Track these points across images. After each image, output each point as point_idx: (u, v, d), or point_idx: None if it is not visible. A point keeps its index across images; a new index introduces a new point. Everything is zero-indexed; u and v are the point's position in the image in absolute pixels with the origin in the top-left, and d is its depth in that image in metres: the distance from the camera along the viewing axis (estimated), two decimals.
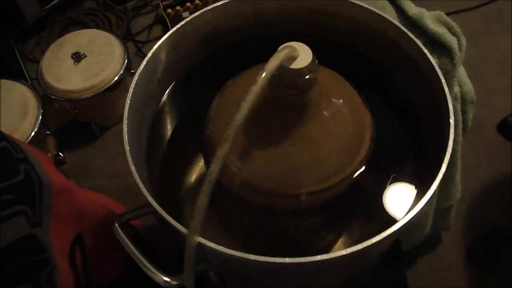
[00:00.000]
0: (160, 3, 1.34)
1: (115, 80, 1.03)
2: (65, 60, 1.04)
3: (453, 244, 0.98)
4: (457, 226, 0.99)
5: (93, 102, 1.03)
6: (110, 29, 1.33)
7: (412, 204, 0.49)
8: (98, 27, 1.33)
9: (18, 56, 1.27)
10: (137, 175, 0.48)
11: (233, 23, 0.66)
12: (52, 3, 1.31)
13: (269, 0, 0.65)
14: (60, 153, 1.10)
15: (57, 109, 1.06)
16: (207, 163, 0.61)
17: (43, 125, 0.99)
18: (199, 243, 0.43)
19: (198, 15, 0.62)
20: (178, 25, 0.60)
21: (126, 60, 1.05)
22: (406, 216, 0.45)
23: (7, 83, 1.02)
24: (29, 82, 1.17)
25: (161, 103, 0.65)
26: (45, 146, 1.04)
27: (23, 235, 0.61)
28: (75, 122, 1.12)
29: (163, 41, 0.59)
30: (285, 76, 0.49)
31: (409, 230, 0.77)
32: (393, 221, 0.46)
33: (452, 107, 0.52)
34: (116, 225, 0.52)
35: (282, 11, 0.66)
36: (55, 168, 0.75)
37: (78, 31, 1.11)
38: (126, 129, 0.52)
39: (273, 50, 0.50)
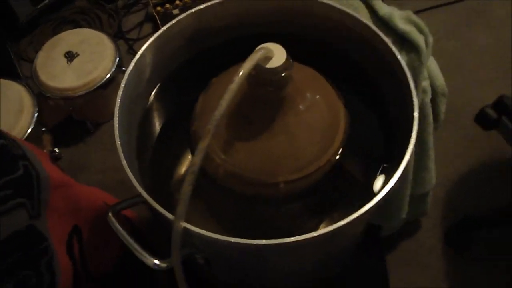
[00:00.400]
0: (149, 1, 1.37)
1: (107, 78, 1.07)
2: (59, 59, 1.08)
3: (432, 228, 1.03)
4: (435, 212, 1.04)
5: (87, 99, 1.07)
6: (101, 27, 1.36)
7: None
8: (89, 25, 1.37)
9: (12, 55, 1.30)
10: (127, 167, 0.53)
11: (217, 24, 0.70)
12: (44, 3, 1.34)
13: (253, 1, 0.69)
14: (55, 149, 1.14)
15: (52, 106, 1.10)
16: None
17: (39, 122, 1.03)
18: (185, 227, 0.47)
19: (183, 17, 0.66)
20: (164, 28, 0.65)
21: (118, 58, 1.09)
22: (363, 207, 0.49)
23: (2, 82, 1.06)
24: (23, 81, 1.21)
25: (149, 101, 0.69)
26: (41, 143, 1.07)
27: (24, 226, 0.66)
28: (70, 120, 1.16)
29: (150, 43, 0.63)
30: (261, 75, 0.53)
31: (384, 216, 0.82)
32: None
33: (416, 102, 0.56)
34: (110, 214, 0.56)
35: (264, 12, 0.70)
36: (52, 164, 0.79)
37: (71, 30, 1.15)
38: (117, 125, 0.57)
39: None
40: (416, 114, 0.55)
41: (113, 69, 1.07)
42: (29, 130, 1.00)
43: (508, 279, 0.97)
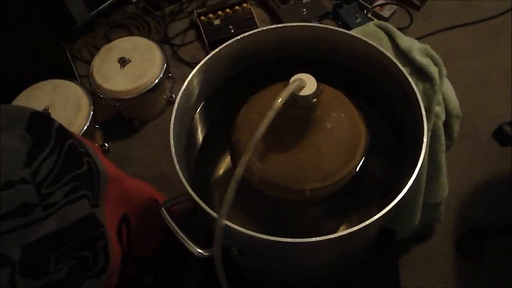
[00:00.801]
0: (194, 10, 1.49)
1: (155, 83, 1.19)
2: (113, 64, 1.20)
3: (445, 235, 1.11)
4: (449, 220, 1.12)
5: (136, 101, 1.19)
6: (149, 32, 1.48)
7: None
8: (138, 30, 1.49)
9: (69, 56, 1.44)
10: (181, 172, 0.63)
11: (256, 48, 0.80)
12: (99, 8, 1.46)
13: (287, 30, 0.79)
14: (105, 144, 1.27)
15: (104, 105, 1.22)
16: (233, 163, 0.76)
17: (93, 119, 1.16)
18: (226, 225, 0.58)
19: (229, 43, 0.77)
20: (212, 53, 0.75)
21: (165, 65, 1.21)
22: (374, 216, 0.59)
23: (63, 83, 1.19)
24: (78, 79, 1.34)
25: (196, 113, 0.80)
26: (93, 138, 1.20)
27: (87, 214, 0.77)
28: (119, 117, 1.29)
29: (199, 66, 0.74)
30: (295, 100, 0.63)
31: (398, 221, 0.91)
32: None
33: (426, 128, 0.65)
34: (163, 209, 0.67)
35: (297, 38, 0.80)
36: (107, 159, 0.91)
37: (124, 38, 1.27)
38: (172, 136, 0.67)
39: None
40: (424, 139, 0.64)
41: (161, 75, 1.19)
42: (85, 127, 1.13)
43: (508, 285, 1.05)
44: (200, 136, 0.83)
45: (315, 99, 0.65)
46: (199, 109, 0.81)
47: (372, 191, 0.84)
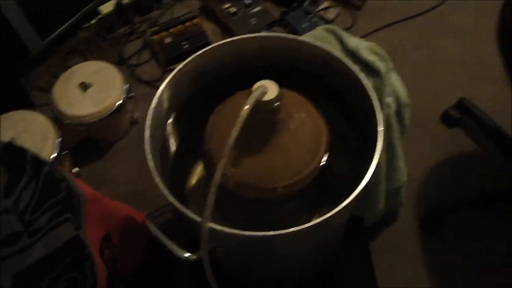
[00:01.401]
0: (146, 29, 1.52)
1: (119, 104, 1.22)
2: (74, 90, 1.22)
3: (409, 218, 1.18)
4: (411, 203, 1.20)
5: (101, 123, 1.21)
6: (105, 56, 1.51)
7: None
8: (93, 54, 1.51)
9: (24, 87, 1.44)
10: (161, 183, 0.67)
11: (216, 62, 0.85)
12: (52, 36, 1.48)
13: (242, 41, 0.85)
14: (75, 168, 1.28)
15: (69, 131, 1.24)
16: (208, 170, 0.80)
17: (61, 146, 1.17)
18: (211, 227, 0.63)
19: (191, 59, 0.81)
20: (176, 69, 0.80)
21: (127, 86, 1.24)
22: (342, 204, 0.65)
23: (24, 114, 1.20)
24: (37, 110, 1.35)
25: (167, 126, 0.84)
26: (63, 164, 1.22)
27: (72, 236, 0.80)
28: (86, 141, 1.30)
29: (167, 81, 0.79)
30: (260, 106, 0.68)
31: (365, 207, 0.98)
32: None
33: (381, 117, 0.72)
34: (147, 220, 0.71)
35: (254, 49, 0.86)
36: (82, 182, 0.93)
37: (82, 63, 1.29)
38: (148, 150, 0.71)
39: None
40: (379, 128, 0.71)
41: (124, 96, 1.22)
42: (54, 155, 1.14)
43: (474, 258, 1.13)
44: (172, 149, 0.87)
45: (277, 103, 0.70)
46: (169, 123, 0.85)
47: (339, 184, 0.90)
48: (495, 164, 1.25)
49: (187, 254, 0.67)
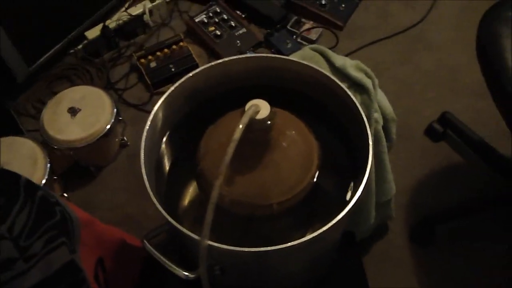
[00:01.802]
0: (133, 54, 1.54)
1: (108, 128, 1.22)
2: (63, 115, 1.23)
3: (399, 230, 1.21)
4: (400, 215, 1.22)
5: (91, 148, 1.21)
6: (91, 80, 1.52)
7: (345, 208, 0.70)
8: (80, 79, 1.52)
9: (12, 113, 1.44)
10: (159, 205, 0.68)
11: (207, 83, 0.87)
12: (38, 62, 1.48)
13: (231, 63, 0.87)
14: (64, 194, 1.28)
15: (59, 156, 1.24)
16: (201, 189, 0.81)
17: (51, 171, 1.17)
18: (209, 244, 0.64)
19: (183, 80, 0.83)
20: (168, 91, 0.82)
21: (115, 110, 1.25)
22: (336, 217, 0.67)
23: (13, 140, 1.20)
24: (26, 135, 1.35)
25: (161, 148, 0.86)
26: (53, 189, 1.21)
27: (67, 260, 0.80)
28: (75, 166, 1.30)
29: (161, 103, 0.80)
30: (253, 125, 0.70)
31: (357, 222, 1.00)
32: None
33: (370, 133, 0.75)
34: (145, 241, 0.72)
35: (242, 69, 0.88)
36: (76, 206, 0.93)
37: (70, 88, 1.30)
38: (144, 170, 0.72)
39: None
40: (370, 142, 0.73)
41: (113, 120, 1.23)
42: (44, 180, 1.14)
43: (463, 263, 1.16)
44: (165, 170, 0.88)
45: (269, 121, 0.72)
46: (163, 143, 0.86)
47: (327, 202, 0.91)
48: (481, 175, 1.28)
49: (186, 273, 0.68)
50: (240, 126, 0.65)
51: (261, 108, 0.70)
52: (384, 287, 1.13)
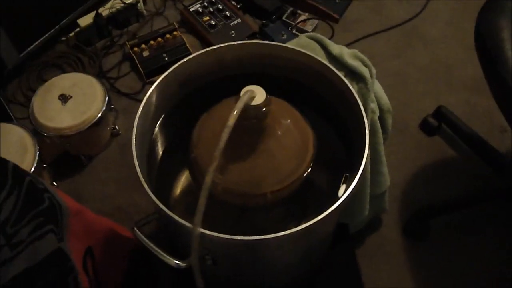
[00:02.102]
0: (126, 42, 1.52)
1: (99, 117, 1.20)
2: (54, 102, 1.20)
3: (392, 223, 1.20)
4: (394, 209, 1.22)
5: (81, 136, 1.19)
6: (83, 69, 1.49)
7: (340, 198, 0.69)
8: (72, 67, 1.50)
9: (2, 100, 1.41)
10: (150, 191, 0.66)
11: (201, 70, 0.86)
12: (28, 49, 1.45)
13: (226, 49, 0.85)
14: (54, 183, 1.26)
15: (49, 144, 1.21)
16: (194, 178, 0.80)
17: (40, 159, 1.15)
18: (201, 232, 0.62)
19: (177, 66, 0.81)
20: (162, 76, 0.80)
21: (107, 98, 1.23)
22: (331, 207, 0.65)
23: (3, 126, 1.17)
24: (16, 122, 1.32)
25: (153, 135, 0.84)
26: (42, 178, 1.19)
27: (55, 248, 0.78)
28: (65, 154, 1.28)
29: (154, 88, 0.78)
30: (248, 111, 0.69)
31: (351, 213, 0.99)
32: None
33: (366, 121, 0.73)
34: (135, 228, 0.70)
35: (237, 57, 0.87)
36: (65, 194, 0.92)
37: (61, 75, 1.27)
38: (135, 157, 0.71)
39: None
40: (367, 131, 0.72)
41: (104, 108, 1.21)
42: (33, 168, 1.12)
43: (456, 257, 1.16)
44: (159, 156, 0.86)
45: (265, 108, 0.71)
46: (155, 130, 0.84)
47: (318, 195, 0.90)
48: (474, 169, 1.28)
49: (177, 262, 0.66)
50: (235, 111, 0.64)
51: (257, 94, 0.69)
52: (377, 280, 1.12)
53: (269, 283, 0.92)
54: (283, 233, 0.63)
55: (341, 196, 0.68)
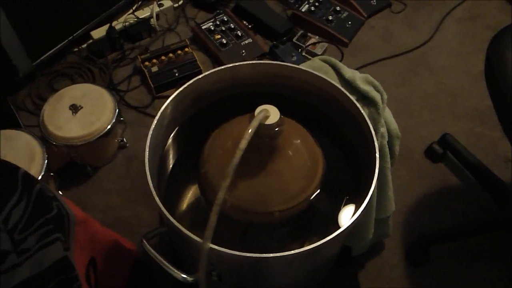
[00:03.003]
0: (138, 56, 1.53)
1: (108, 128, 1.21)
2: (64, 111, 1.21)
3: (394, 248, 1.20)
4: (396, 234, 1.22)
5: (89, 147, 1.20)
6: (93, 80, 1.51)
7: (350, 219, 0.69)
8: (82, 78, 1.51)
9: (12, 107, 1.42)
10: (161, 204, 0.67)
11: (215, 86, 0.87)
12: (41, 58, 1.47)
13: (241, 68, 0.87)
14: (59, 191, 1.26)
15: (56, 153, 1.22)
16: (203, 193, 0.80)
17: (47, 167, 1.15)
18: (210, 247, 0.63)
19: (191, 82, 0.83)
20: (178, 90, 0.81)
21: (117, 110, 1.24)
22: (340, 229, 0.66)
23: (12, 133, 1.18)
24: (25, 130, 1.33)
25: (164, 149, 0.85)
26: (48, 186, 1.20)
27: (60, 257, 0.78)
28: (71, 164, 1.29)
29: (168, 102, 0.80)
30: (261, 129, 0.70)
31: (355, 237, 0.99)
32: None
33: (377, 146, 0.74)
34: (144, 241, 0.70)
35: (251, 75, 0.88)
36: (72, 203, 0.92)
37: (72, 85, 1.28)
38: (148, 170, 0.71)
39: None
40: (377, 155, 0.73)
41: (114, 120, 1.22)
42: (40, 176, 1.12)
43: (455, 285, 1.16)
44: (168, 170, 0.87)
45: (278, 128, 0.72)
46: (166, 145, 0.85)
47: (325, 213, 0.91)
48: (477, 197, 1.28)
49: (184, 276, 0.67)
50: (250, 130, 0.65)
51: (271, 113, 0.70)
52: None
53: None
54: (290, 252, 0.64)
55: (352, 218, 0.69)
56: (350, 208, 0.82)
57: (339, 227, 0.68)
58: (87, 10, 1.53)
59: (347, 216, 0.81)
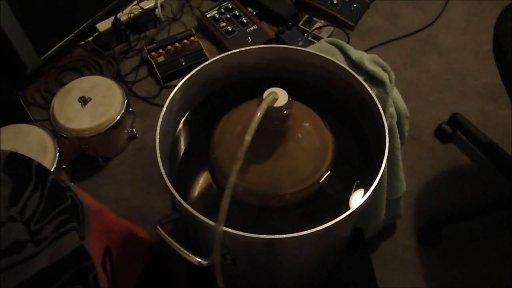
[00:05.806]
0: (144, 47, 1.54)
1: (118, 119, 1.22)
2: (73, 104, 1.23)
3: (406, 230, 1.21)
4: (408, 215, 1.22)
5: (100, 138, 1.21)
6: (101, 73, 1.51)
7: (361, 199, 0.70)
8: (90, 71, 1.52)
9: (22, 102, 1.44)
10: (173, 189, 0.68)
11: (223, 72, 0.87)
12: (49, 53, 1.48)
13: (248, 52, 0.87)
14: (72, 183, 1.27)
15: (67, 145, 1.23)
16: (214, 178, 0.81)
17: (60, 160, 1.17)
18: (224, 230, 0.63)
19: (199, 68, 0.83)
20: (185, 78, 0.81)
21: (126, 101, 1.24)
22: (351, 208, 0.66)
23: (23, 127, 1.20)
24: (35, 124, 1.34)
25: (174, 136, 0.85)
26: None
27: (77, 246, 0.79)
28: (82, 156, 1.30)
29: (176, 91, 0.80)
30: (270, 112, 0.70)
31: (367, 218, 0.99)
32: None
33: (387, 125, 0.74)
34: (158, 226, 0.71)
35: (258, 60, 0.88)
36: (86, 193, 0.93)
37: (81, 78, 1.29)
38: (159, 157, 0.72)
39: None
40: (387, 135, 0.73)
41: (123, 111, 1.23)
42: (53, 169, 1.13)
43: (468, 265, 1.16)
44: (179, 157, 0.87)
45: (286, 111, 0.72)
46: (176, 132, 0.86)
47: (335, 198, 0.91)
48: (488, 177, 1.28)
49: (199, 260, 0.67)
50: (259, 112, 0.65)
51: (279, 96, 0.70)
52: (390, 286, 1.12)
53: (284, 284, 0.93)
54: (304, 232, 0.64)
55: (363, 197, 0.69)
56: (361, 192, 0.82)
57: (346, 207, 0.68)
58: (92, 2, 1.54)
59: (357, 200, 0.81)
